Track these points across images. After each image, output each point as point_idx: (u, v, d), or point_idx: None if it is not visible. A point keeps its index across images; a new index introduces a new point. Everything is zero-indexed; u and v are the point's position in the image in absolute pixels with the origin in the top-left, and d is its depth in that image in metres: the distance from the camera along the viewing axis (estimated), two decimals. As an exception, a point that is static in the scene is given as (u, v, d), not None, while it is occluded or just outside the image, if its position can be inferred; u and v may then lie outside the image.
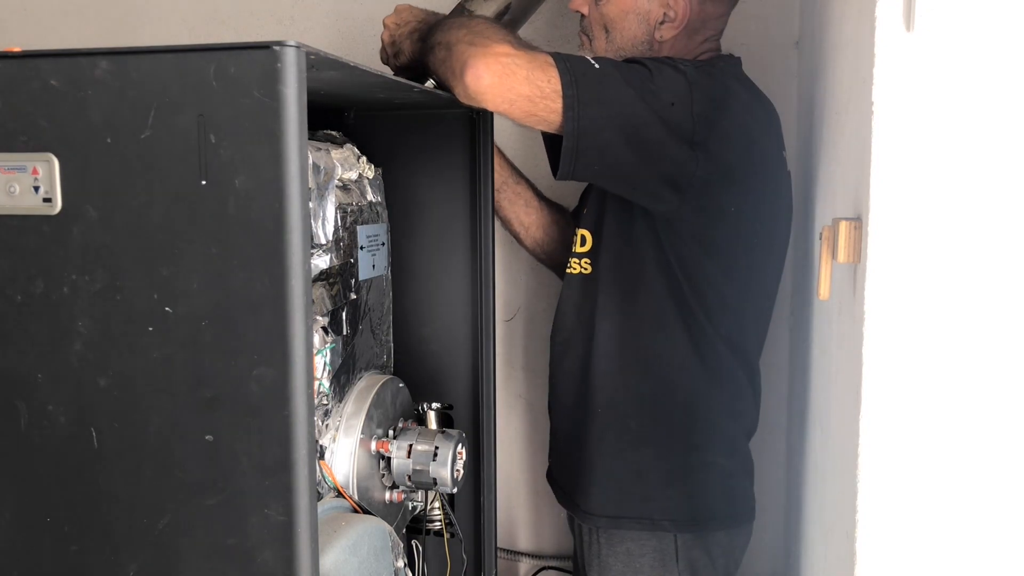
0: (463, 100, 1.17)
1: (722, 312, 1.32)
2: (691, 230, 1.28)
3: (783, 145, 1.37)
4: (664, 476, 1.35)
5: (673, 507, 1.34)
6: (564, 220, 1.63)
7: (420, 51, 1.26)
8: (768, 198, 1.33)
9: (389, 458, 1.18)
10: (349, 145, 1.21)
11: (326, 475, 1.08)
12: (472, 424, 1.37)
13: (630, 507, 1.36)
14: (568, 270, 1.44)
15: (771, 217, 1.35)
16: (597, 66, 1.17)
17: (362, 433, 1.12)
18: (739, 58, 1.41)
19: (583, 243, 1.41)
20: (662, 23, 1.34)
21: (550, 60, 1.16)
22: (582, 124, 1.15)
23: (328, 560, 0.93)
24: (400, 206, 1.33)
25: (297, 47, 0.76)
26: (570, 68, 1.15)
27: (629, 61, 1.24)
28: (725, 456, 1.37)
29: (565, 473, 1.47)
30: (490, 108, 1.17)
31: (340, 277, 1.13)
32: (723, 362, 1.34)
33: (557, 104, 1.15)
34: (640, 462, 1.35)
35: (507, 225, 1.63)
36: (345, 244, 1.13)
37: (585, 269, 1.40)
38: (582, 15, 1.41)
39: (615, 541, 1.37)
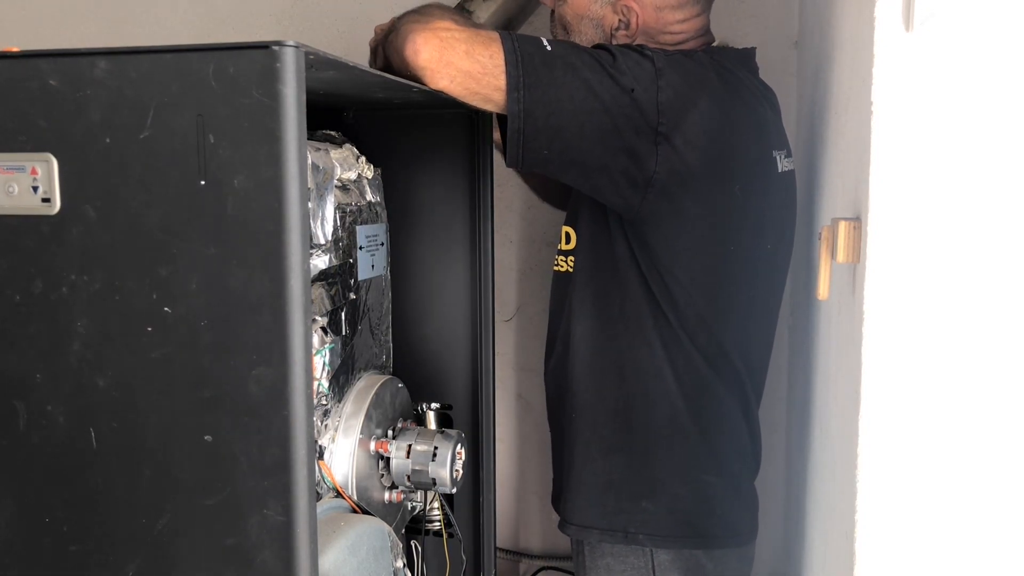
0: (409, 77, 1.13)
1: (697, 324, 1.25)
2: (656, 234, 1.22)
3: (779, 145, 1.30)
4: (638, 487, 1.29)
5: (648, 520, 1.28)
6: None
7: (384, 43, 1.21)
8: (747, 204, 1.24)
9: (388, 458, 1.18)
10: (348, 145, 1.20)
11: (325, 475, 1.08)
12: (471, 424, 1.37)
13: (602, 518, 1.30)
14: (554, 267, 1.41)
15: (753, 226, 1.27)
16: (549, 48, 1.13)
17: (361, 433, 1.12)
18: (741, 50, 1.35)
19: (567, 240, 1.37)
20: (617, 29, 1.30)
21: (495, 36, 1.11)
22: (527, 106, 1.11)
23: (327, 560, 0.93)
24: (399, 206, 1.33)
25: (296, 47, 0.75)
26: (517, 47, 1.11)
27: (596, 47, 1.19)
28: (708, 473, 1.29)
29: (554, 476, 1.46)
30: (432, 85, 1.11)
31: (339, 277, 1.13)
32: (701, 377, 1.26)
33: (500, 81, 1.10)
34: (612, 471, 1.30)
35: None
36: (344, 244, 1.13)
37: (568, 268, 1.36)
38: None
39: (597, 555, 1.32)
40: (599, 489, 1.31)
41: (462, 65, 1.10)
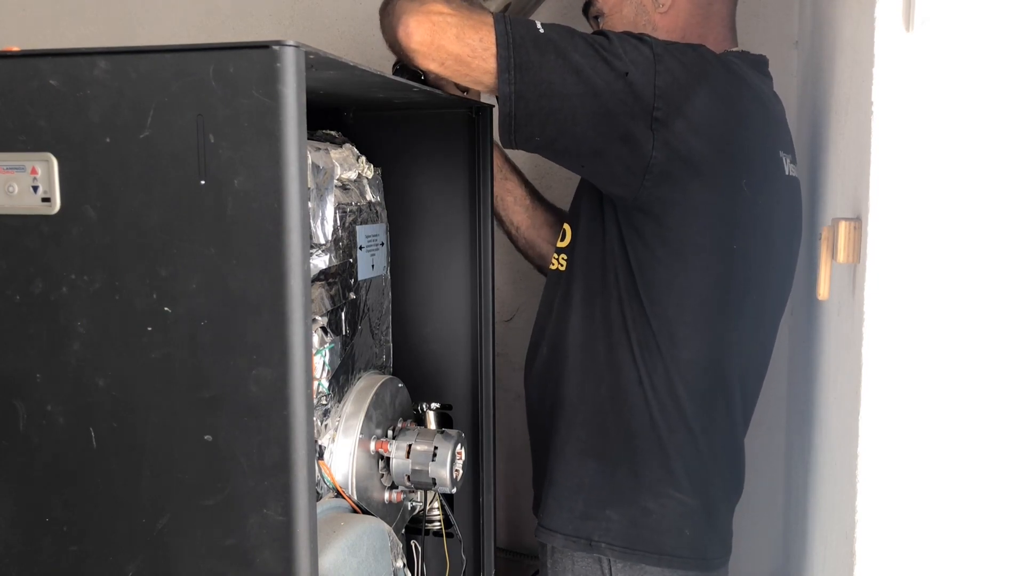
0: (401, 58, 1.14)
1: (684, 333, 1.21)
2: (652, 225, 1.19)
3: (786, 148, 1.29)
4: (606, 494, 1.25)
5: (610, 529, 1.24)
6: (559, 223, 1.53)
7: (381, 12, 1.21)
8: (756, 201, 1.21)
9: (388, 458, 1.18)
10: (348, 145, 1.20)
11: (325, 475, 1.08)
12: (471, 424, 1.37)
13: (568, 523, 1.28)
14: (551, 266, 1.40)
15: (762, 226, 1.24)
16: (542, 31, 1.11)
17: (361, 433, 1.12)
18: (756, 56, 1.35)
19: (563, 237, 1.36)
20: (656, 9, 1.32)
21: (487, 20, 1.10)
22: (518, 88, 1.09)
23: (327, 560, 0.93)
24: (399, 206, 1.33)
25: (296, 47, 0.75)
26: (509, 30, 1.09)
27: (596, 33, 1.18)
28: (680, 491, 1.24)
29: (534, 481, 1.43)
30: (422, 67, 1.12)
31: (339, 277, 1.13)
32: (679, 391, 1.23)
33: (490, 64, 1.10)
34: (584, 475, 1.27)
35: (499, 223, 1.55)
36: (344, 244, 1.13)
37: (560, 266, 1.35)
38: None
39: (559, 570, 1.30)
40: (570, 491, 1.28)
41: (452, 49, 1.10)
